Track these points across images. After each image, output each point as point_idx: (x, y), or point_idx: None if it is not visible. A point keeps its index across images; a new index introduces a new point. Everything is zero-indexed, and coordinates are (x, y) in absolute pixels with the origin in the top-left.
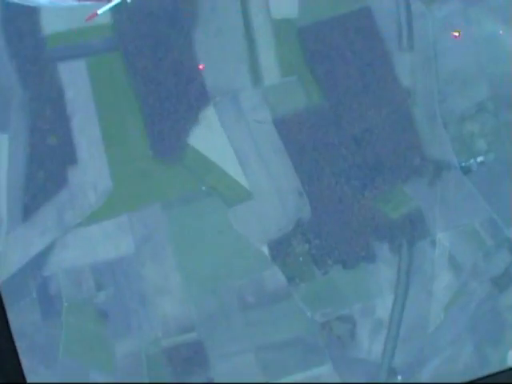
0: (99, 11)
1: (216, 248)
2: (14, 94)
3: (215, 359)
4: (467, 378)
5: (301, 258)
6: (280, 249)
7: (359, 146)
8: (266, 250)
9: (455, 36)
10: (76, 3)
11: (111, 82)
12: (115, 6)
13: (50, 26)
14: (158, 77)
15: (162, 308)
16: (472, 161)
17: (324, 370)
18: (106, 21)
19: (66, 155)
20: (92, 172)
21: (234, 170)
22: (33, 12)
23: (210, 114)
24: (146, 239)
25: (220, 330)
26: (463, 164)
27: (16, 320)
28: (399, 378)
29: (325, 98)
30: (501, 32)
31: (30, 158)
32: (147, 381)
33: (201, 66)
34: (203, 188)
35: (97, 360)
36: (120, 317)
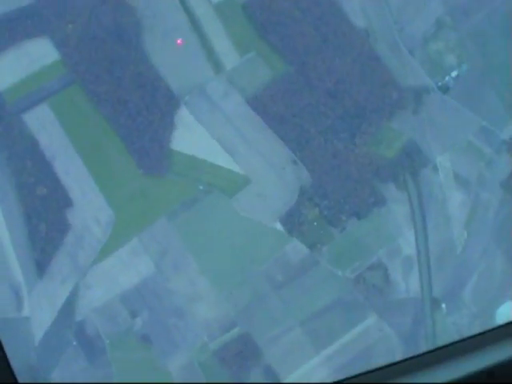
0: None
1: (232, 240)
2: None
3: (265, 345)
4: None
5: (315, 223)
6: (292, 221)
7: (336, 99)
8: (279, 226)
9: None
10: None
11: (79, 116)
12: None
13: (2, 81)
14: (123, 95)
15: (200, 314)
16: (447, 78)
17: (370, 322)
18: (54, 58)
19: (60, 200)
20: (90, 208)
21: (224, 160)
22: None
23: (184, 115)
24: (163, 254)
25: (260, 316)
26: (440, 83)
27: (66, 372)
28: (443, 306)
29: (288, 64)
30: None
31: (26, 214)
32: None
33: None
34: (201, 187)
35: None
36: (162, 336)
